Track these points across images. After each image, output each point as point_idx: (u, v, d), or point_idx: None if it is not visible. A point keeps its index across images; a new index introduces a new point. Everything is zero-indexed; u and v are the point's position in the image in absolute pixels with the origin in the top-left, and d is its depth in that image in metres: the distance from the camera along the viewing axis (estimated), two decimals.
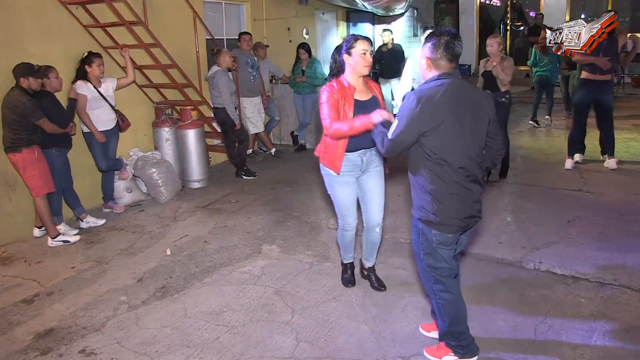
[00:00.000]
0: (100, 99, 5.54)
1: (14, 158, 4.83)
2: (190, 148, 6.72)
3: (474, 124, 2.68)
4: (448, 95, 2.62)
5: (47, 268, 4.62)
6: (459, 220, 2.75)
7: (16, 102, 4.70)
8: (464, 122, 2.64)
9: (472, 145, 2.69)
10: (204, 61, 7.47)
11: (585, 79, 6.45)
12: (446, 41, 2.67)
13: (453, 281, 2.92)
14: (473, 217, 2.81)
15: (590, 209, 5.30)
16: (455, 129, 2.63)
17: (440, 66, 2.70)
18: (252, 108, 7.73)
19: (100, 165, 5.73)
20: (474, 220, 2.84)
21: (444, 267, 2.85)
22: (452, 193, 2.71)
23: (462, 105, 2.65)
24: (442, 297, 2.91)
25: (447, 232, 2.76)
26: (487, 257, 4.40)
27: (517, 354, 3.10)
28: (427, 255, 2.87)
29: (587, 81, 6.42)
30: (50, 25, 5.54)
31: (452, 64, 2.70)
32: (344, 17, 12.14)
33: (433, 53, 2.70)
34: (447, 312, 2.92)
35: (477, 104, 2.72)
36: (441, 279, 2.88)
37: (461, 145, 2.66)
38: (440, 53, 2.68)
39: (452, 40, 2.68)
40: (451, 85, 2.65)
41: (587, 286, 3.85)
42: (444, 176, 2.68)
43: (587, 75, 6.42)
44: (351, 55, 3.43)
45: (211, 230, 5.33)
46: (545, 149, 8.04)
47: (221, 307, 3.80)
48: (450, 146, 2.65)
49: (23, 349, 3.41)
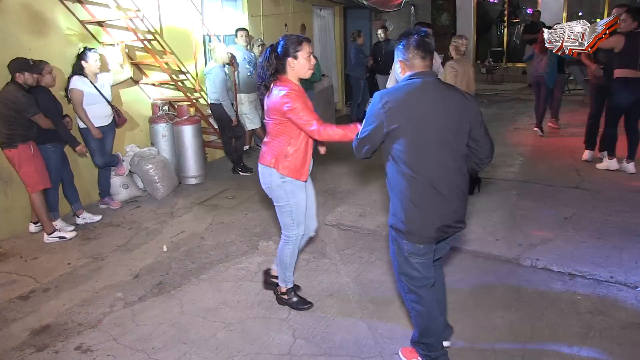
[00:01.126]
0: (96, 95, 5.50)
1: (10, 154, 4.81)
2: (187, 144, 6.70)
3: (446, 127, 2.53)
4: (415, 96, 2.53)
5: (43, 264, 4.61)
6: (430, 230, 2.61)
7: (12, 97, 4.67)
8: (432, 125, 2.51)
9: (444, 150, 2.54)
10: (200, 57, 7.44)
11: (624, 77, 5.95)
12: (416, 39, 2.59)
13: (428, 292, 2.77)
14: (449, 227, 2.65)
15: (587, 206, 5.31)
16: (421, 131, 2.51)
17: (414, 66, 2.61)
18: (249, 104, 7.71)
19: (96, 161, 5.71)
20: (452, 231, 2.69)
21: (417, 277, 2.72)
22: (422, 201, 2.57)
23: (431, 107, 2.53)
24: (414, 308, 2.81)
25: (417, 242, 2.63)
26: (484, 254, 4.40)
27: (514, 351, 3.11)
28: (400, 264, 2.76)
29: (627, 80, 5.94)
30: (46, 20, 5.50)
31: (425, 62, 2.60)
32: (341, 13, 12.11)
33: (405, 54, 2.62)
34: (418, 323, 2.84)
35: (452, 106, 2.56)
36: (414, 289, 2.76)
37: (429, 150, 2.52)
38: (412, 52, 2.59)
39: (423, 38, 2.60)
40: (421, 86, 2.55)
41: (583, 283, 3.86)
42: (413, 183, 2.55)
43: (625, 73, 5.93)
44: (297, 58, 3.22)
45: (208, 226, 5.32)
46: (541, 145, 8.05)
47: (218, 303, 3.79)
48: (417, 150, 2.52)
49: (19, 345, 3.39)
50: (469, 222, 5.03)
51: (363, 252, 4.52)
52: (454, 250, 4.51)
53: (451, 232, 2.70)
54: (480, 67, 15.48)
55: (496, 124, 10.03)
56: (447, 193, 2.58)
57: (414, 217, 2.59)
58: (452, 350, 3.12)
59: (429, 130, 2.51)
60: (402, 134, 2.52)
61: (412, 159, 2.53)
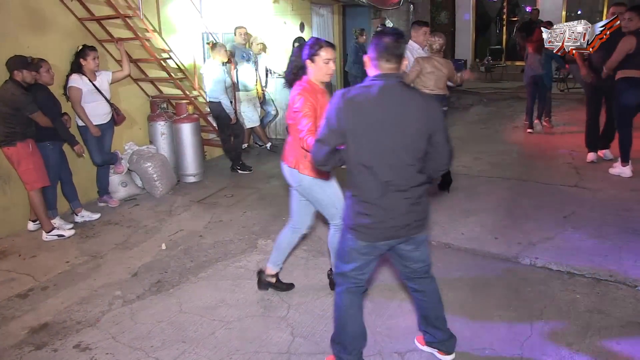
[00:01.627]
0: (95, 93, 5.49)
1: (8, 152, 4.79)
2: (186, 142, 6.69)
3: (401, 131, 2.51)
4: (374, 98, 2.51)
5: (41, 262, 4.60)
6: (375, 230, 2.62)
7: (10, 95, 4.66)
8: (386, 128, 2.50)
9: (398, 153, 2.52)
10: (199, 55, 7.43)
11: (631, 77, 5.87)
12: (386, 42, 2.54)
13: (350, 295, 2.81)
14: (399, 228, 2.63)
15: (586, 205, 5.31)
16: (376, 134, 2.51)
17: (379, 66, 2.57)
18: (247, 102, 7.70)
19: (95, 159, 5.69)
20: (403, 232, 2.65)
21: (346, 273, 2.78)
22: (372, 201, 2.58)
23: (388, 110, 2.50)
24: (337, 300, 2.86)
25: (359, 239, 2.66)
26: (483, 253, 4.40)
27: (513, 349, 3.11)
28: (340, 253, 2.81)
29: (634, 80, 5.86)
30: (45, 17, 5.48)
31: (390, 65, 2.56)
32: (340, 11, 12.09)
33: (372, 52, 2.58)
34: (336, 316, 2.88)
35: (411, 110, 2.52)
36: (341, 281, 2.83)
37: (383, 152, 2.52)
38: (379, 53, 2.55)
39: (394, 41, 2.54)
40: (381, 88, 2.52)
41: (582, 282, 3.86)
42: (364, 182, 2.57)
43: (633, 73, 5.85)
44: (314, 62, 3.29)
45: (206, 224, 5.31)
46: (540, 144, 8.05)
47: (216, 302, 3.79)
48: (370, 151, 2.52)
49: (17, 343, 3.39)
50: (468, 220, 5.05)
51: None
52: (453, 249, 4.52)
53: (401, 234, 2.66)
54: (479, 66, 15.48)
55: (495, 122, 10.04)
56: (398, 195, 2.58)
57: (363, 216, 2.62)
58: None
59: (384, 133, 2.51)
60: (356, 135, 2.53)
61: (365, 159, 2.54)
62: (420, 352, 3.11)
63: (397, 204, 2.59)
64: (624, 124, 6.18)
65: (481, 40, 16.34)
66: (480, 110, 11.41)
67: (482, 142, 8.39)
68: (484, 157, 7.38)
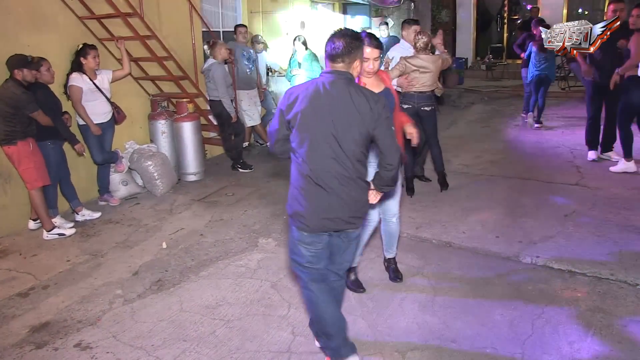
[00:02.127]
0: (95, 91, 5.49)
1: (9, 151, 4.79)
2: (186, 141, 6.69)
3: (336, 125, 2.59)
4: (310, 91, 2.63)
5: (42, 261, 4.60)
6: (312, 220, 2.70)
7: (10, 94, 4.65)
8: (322, 120, 2.60)
9: (332, 146, 2.61)
10: (200, 53, 7.43)
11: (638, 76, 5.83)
12: (332, 43, 2.67)
13: (316, 284, 2.87)
14: (331, 221, 2.71)
15: (588, 204, 5.30)
16: (312, 125, 2.62)
17: (329, 64, 2.71)
18: (248, 101, 7.69)
19: (95, 158, 5.69)
20: (336, 226, 2.73)
21: (302, 264, 2.85)
22: (307, 191, 2.69)
23: (326, 104, 2.60)
24: (303, 293, 2.95)
25: (302, 230, 2.74)
26: (484, 252, 4.40)
27: (514, 348, 3.10)
28: (290, 246, 2.90)
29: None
30: (45, 16, 5.48)
31: (334, 64, 2.67)
32: (341, 9, 12.07)
33: (325, 51, 2.72)
34: (310, 309, 2.97)
35: (350, 107, 2.60)
36: (301, 274, 2.89)
37: (317, 144, 2.62)
38: (327, 52, 2.69)
39: (335, 40, 2.66)
40: (326, 82, 2.64)
41: (584, 281, 3.85)
42: (301, 172, 2.69)
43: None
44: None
45: (207, 223, 5.31)
46: (541, 142, 8.03)
47: (217, 300, 3.79)
48: (305, 142, 2.63)
49: (18, 342, 3.39)
50: (469, 219, 5.05)
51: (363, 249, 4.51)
52: (454, 247, 4.52)
53: (337, 228, 2.75)
54: (480, 64, 15.46)
55: (496, 120, 10.03)
56: (331, 187, 2.66)
57: (299, 204, 2.73)
58: (452, 347, 3.12)
59: (318, 125, 2.62)
60: (296, 125, 2.65)
61: (301, 149, 2.66)
62: (421, 351, 3.11)
63: (328, 196, 2.67)
64: (626, 121, 6.19)
65: (482, 39, 16.32)
66: (481, 109, 11.39)
67: (483, 140, 8.38)
68: (484, 155, 7.38)
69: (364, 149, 2.68)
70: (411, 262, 4.25)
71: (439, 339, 3.23)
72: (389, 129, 2.67)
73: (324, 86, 2.63)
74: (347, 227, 2.77)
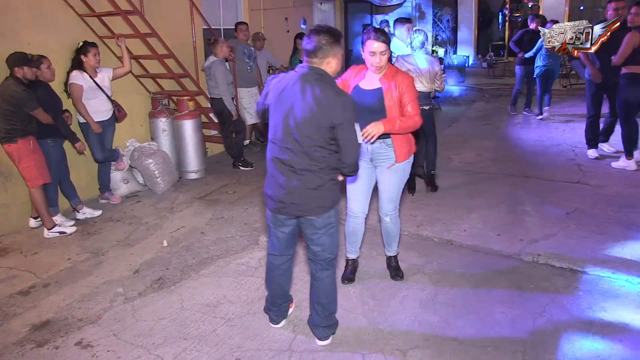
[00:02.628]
0: (96, 89, 5.48)
1: (9, 149, 4.79)
2: (187, 139, 6.68)
3: (297, 115, 2.75)
4: (287, 81, 2.83)
5: (43, 259, 4.60)
6: (271, 202, 2.98)
7: (11, 92, 4.64)
8: (285, 109, 2.79)
9: (290, 135, 2.78)
10: (200, 51, 7.42)
11: (636, 73, 5.90)
12: (305, 36, 2.84)
13: (271, 259, 3.22)
14: (285, 205, 2.92)
15: (589, 202, 5.30)
16: (276, 113, 2.84)
17: (304, 59, 2.84)
18: (249, 98, 7.68)
19: (96, 156, 5.69)
20: (291, 210, 2.92)
21: (269, 239, 3.19)
22: (269, 174, 2.96)
23: (293, 94, 2.77)
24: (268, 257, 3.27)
25: (267, 208, 3.04)
26: (485, 250, 4.39)
27: (515, 347, 3.10)
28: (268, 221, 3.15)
29: (638, 76, 5.91)
30: (45, 14, 5.47)
31: (308, 59, 2.80)
32: (342, 7, 12.06)
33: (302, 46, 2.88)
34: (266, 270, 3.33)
35: (313, 100, 2.71)
36: (269, 247, 3.22)
37: (279, 130, 2.83)
38: (302, 48, 2.87)
39: (310, 36, 2.78)
40: (298, 74, 2.80)
41: (585, 279, 3.85)
42: (269, 155, 2.93)
43: (638, 69, 5.88)
44: (364, 51, 3.39)
45: (208, 221, 5.31)
46: (542, 140, 8.02)
47: (218, 299, 3.79)
48: (272, 127, 2.89)
49: (19, 340, 3.39)
50: (470, 217, 5.04)
51: (364, 248, 4.49)
52: (455, 245, 4.51)
53: (292, 213, 2.95)
54: (482, 62, 15.43)
55: (497, 118, 10.02)
56: (285, 175, 2.86)
57: (266, 186, 3.00)
58: (453, 345, 3.12)
59: (280, 116, 2.82)
60: (270, 110, 2.89)
61: (269, 135, 2.92)
62: (423, 349, 3.10)
63: (288, 182, 2.86)
64: (628, 120, 6.17)
65: (483, 36, 16.29)
66: (482, 107, 11.38)
67: (484, 138, 8.37)
68: (486, 153, 7.37)
69: (323, 143, 2.78)
70: (412, 260, 4.25)
71: (440, 337, 3.22)
72: (348, 130, 2.76)
73: (292, 80, 2.80)
74: (302, 214, 2.93)
